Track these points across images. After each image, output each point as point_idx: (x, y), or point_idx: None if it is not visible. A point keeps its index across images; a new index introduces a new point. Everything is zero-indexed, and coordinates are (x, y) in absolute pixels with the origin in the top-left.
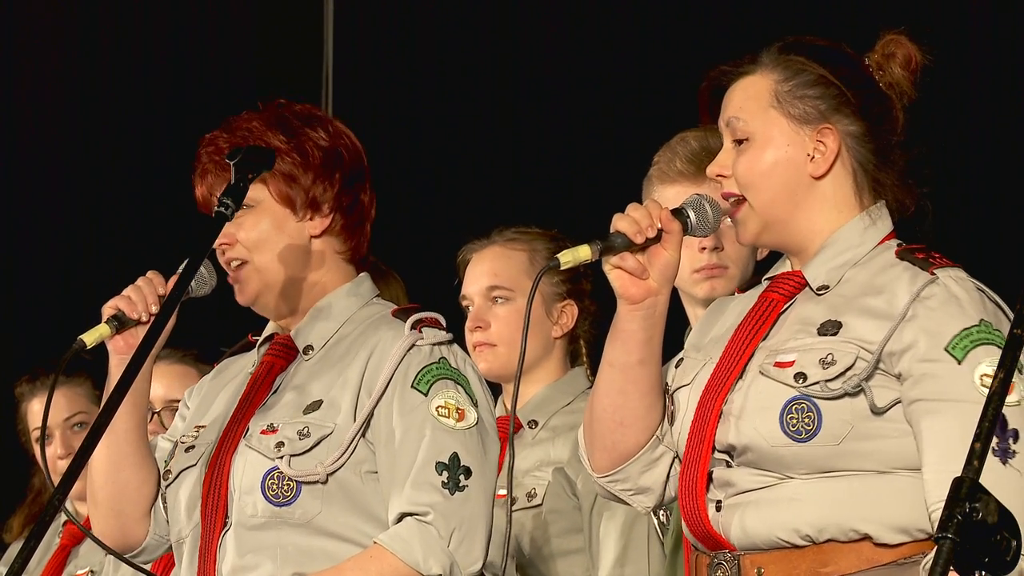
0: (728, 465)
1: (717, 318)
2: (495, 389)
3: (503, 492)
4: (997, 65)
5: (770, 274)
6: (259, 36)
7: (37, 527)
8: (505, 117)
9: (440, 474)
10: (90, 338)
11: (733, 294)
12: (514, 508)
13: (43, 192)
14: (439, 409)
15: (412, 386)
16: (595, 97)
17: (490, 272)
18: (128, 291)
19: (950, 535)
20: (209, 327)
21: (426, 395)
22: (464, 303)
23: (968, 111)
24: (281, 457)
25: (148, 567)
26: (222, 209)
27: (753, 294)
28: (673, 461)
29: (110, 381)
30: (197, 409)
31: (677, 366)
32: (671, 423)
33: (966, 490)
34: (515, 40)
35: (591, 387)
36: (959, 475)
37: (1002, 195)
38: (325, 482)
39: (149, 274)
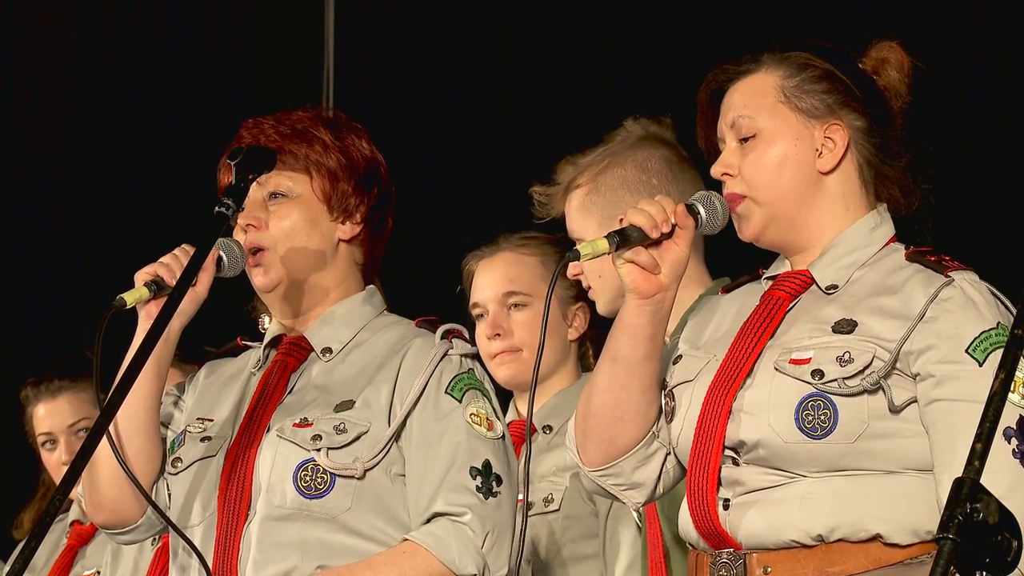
0: (735, 463)
1: (710, 317)
2: (507, 394)
3: (519, 497)
4: (997, 64)
5: (770, 273)
6: (259, 36)
7: (38, 527)
8: (507, 118)
9: (475, 478)
10: (130, 298)
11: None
12: (531, 513)
13: (45, 195)
14: (472, 417)
15: (446, 392)
16: (597, 98)
17: (504, 278)
18: (165, 259)
19: (951, 535)
20: (194, 328)
21: (460, 402)
22: (475, 311)
23: (967, 111)
24: (319, 449)
25: (136, 552)
26: (223, 209)
27: (749, 292)
28: (666, 458)
29: (133, 348)
30: (197, 403)
31: (675, 363)
32: (669, 420)
33: (967, 491)
34: (517, 40)
35: None
36: (959, 476)
37: (1002, 195)
38: (361, 477)
39: (184, 245)
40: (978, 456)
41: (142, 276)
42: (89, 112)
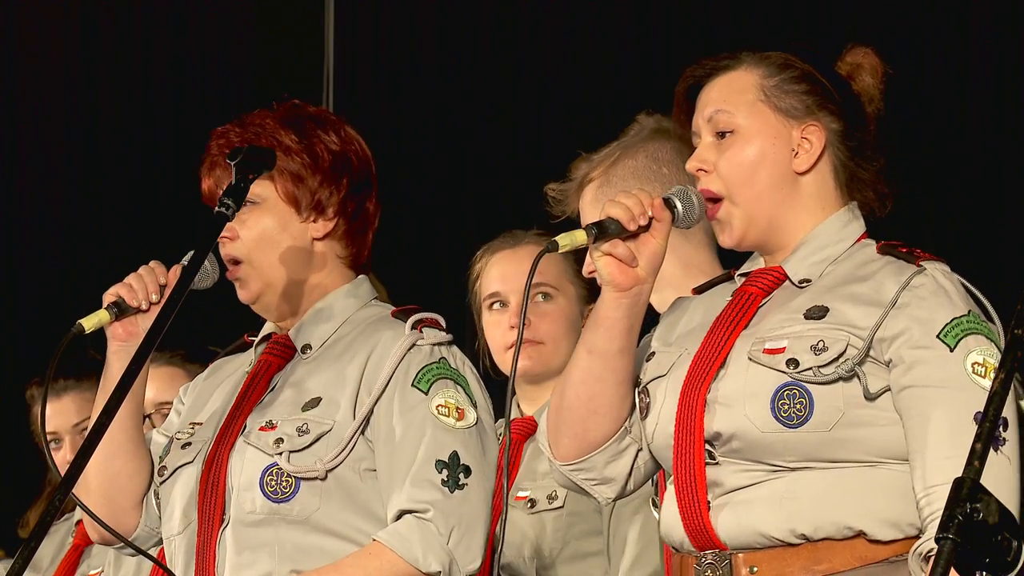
0: (711, 456)
1: (681, 315)
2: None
3: (523, 494)
4: (997, 66)
5: (743, 270)
6: (259, 36)
7: (38, 527)
8: (507, 117)
9: (440, 472)
10: (89, 323)
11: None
12: (535, 510)
13: (48, 194)
14: (439, 408)
15: (412, 385)
16: (598, 98)
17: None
18: (129, 279)
19: (951, 536)
20: (199, 328)
21: (426, 394)
22: (491, 300)
23: (967, 111)
24: (280, 453)
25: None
26: (223, 209)
27: (720, 291)
28: (638, 453)
29: (107, 369)
30: (192, 406)
31: (648, 360)
32: (643, 416)
33: (967, 491)
34: (517, 40)
35: None
36: (960, 476)
37: (1002, 196)
38: (324, 478)
39: (151, 263)
40: (978, 456)
41: (106, 298)
42: (90, 113)
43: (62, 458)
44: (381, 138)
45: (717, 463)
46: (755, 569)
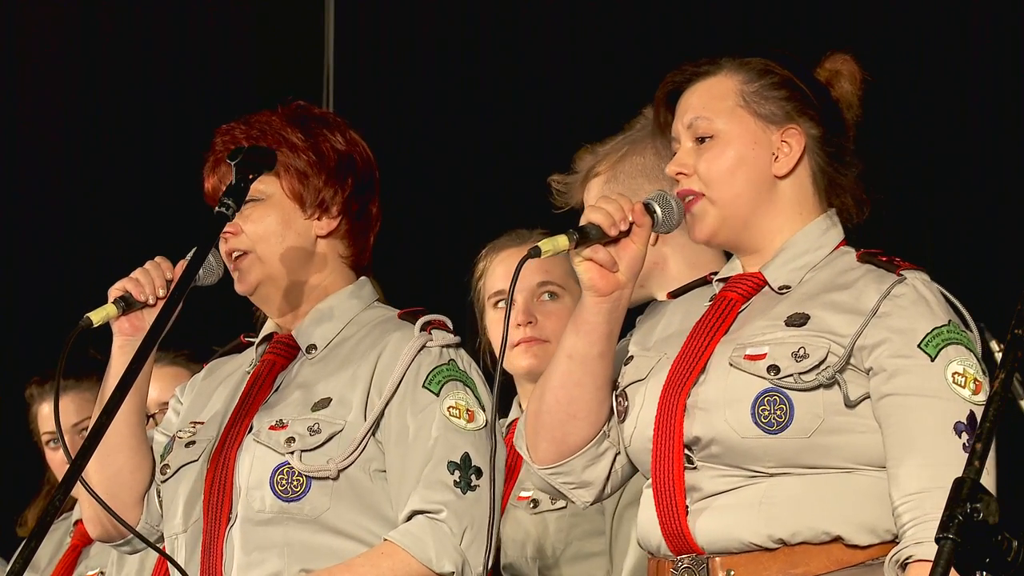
0: (690, 461)
1: (658, 320)
2: (510, 392)
3: (526, 494)
4: (997, 65)
5: (722, 275)
6: (259, 36)
7: (38, 526)
8: (506, 117)
9: (452, 473)
10: (96, 317)
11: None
12: (538, 510)
13: (48, 192)
14: (450, 409)
15: (423, 386)
16: (598, 97)
17: (539, 268)
18: (136, 274)
19: (951, 535)
20: (203, 328)
21: (437, 395)
22: (497, 299)
23: (967, 112)
24: (292, 452)
25: (140, 553)
26: (223, 209)
27: (697, 296)
28: (615, 458)
29: (112, 364)
30: (191, 406)
31: (626, 364)
32: (621, 420)
33: (967, 490)
34: (516, 40)
35: None
36: (960, 476)
37: (1001, 197)
38: (336, 478)
39: (157, 259)
40: (978, 456)
41: (112, 292)
42: (90, 112)
43: (60, 458)
44: (381, 138)
45: (695, 468)
46: (732, 573)
